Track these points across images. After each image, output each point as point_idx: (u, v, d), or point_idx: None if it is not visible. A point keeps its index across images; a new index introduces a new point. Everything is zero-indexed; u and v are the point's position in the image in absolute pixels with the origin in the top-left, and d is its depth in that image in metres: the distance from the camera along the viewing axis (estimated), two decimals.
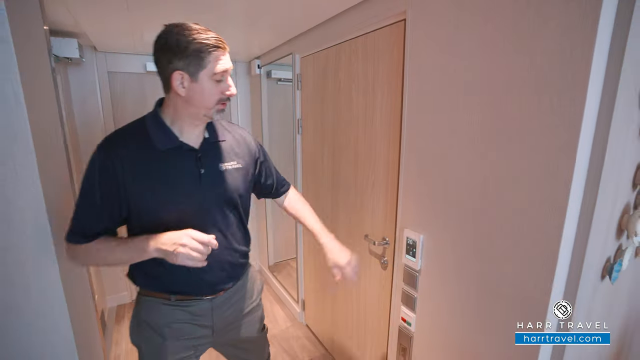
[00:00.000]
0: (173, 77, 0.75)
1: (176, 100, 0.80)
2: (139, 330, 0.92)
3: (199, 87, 0.77)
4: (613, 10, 0.67)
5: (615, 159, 0.78)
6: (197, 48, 0.74)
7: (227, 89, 0.81)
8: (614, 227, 0.89)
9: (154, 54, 0.78)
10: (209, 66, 0.76)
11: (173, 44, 0.73)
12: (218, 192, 0.89)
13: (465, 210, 0.95)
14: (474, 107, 0.89)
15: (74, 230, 0.79)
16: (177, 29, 0.75)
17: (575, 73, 0.68)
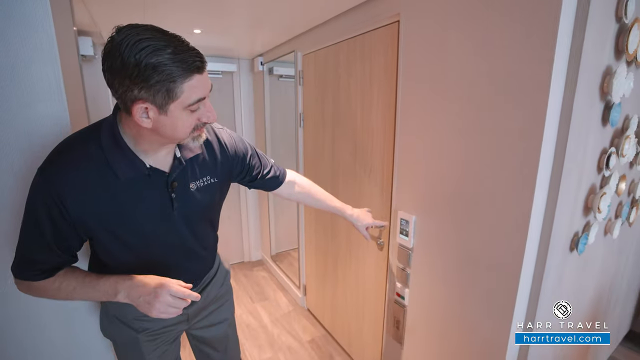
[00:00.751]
0: (134, 109, 0.58)
1: (139, 128, 0.63)
2: (110, 325, 0.87)
3: (169, 120, 0.61)
4: (572, 14, 0.78)
5: (578, 146, 0.90)
6: (167, 75, 0.55)
7: (205, 116, 0.65)
8: (580, 205, 1.01)
9: (104, 73, 0.58)
10: (183, 96, 0.59)
11: (132, 68, 0.54)
12: (191, 214, 0.79)
13: (451, 193, 1.07)
14: (458, 102, 1.01)
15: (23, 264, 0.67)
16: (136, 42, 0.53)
17: (539, 72, 0.80)
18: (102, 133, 0.65)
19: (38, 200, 0.63)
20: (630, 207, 1.33)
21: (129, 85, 0.56)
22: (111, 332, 0.88)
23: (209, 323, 1.02)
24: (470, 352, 1.08)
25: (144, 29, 0.56)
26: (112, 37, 0.56)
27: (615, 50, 0.91)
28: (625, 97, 0.99)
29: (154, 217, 0.73)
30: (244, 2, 1.37)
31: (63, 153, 0.65)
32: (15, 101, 0.78)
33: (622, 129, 1.08)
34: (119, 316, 0.85)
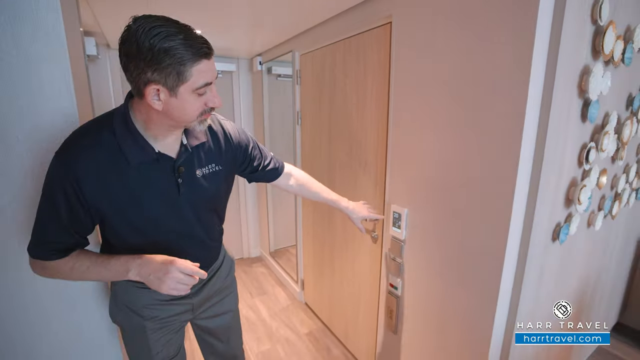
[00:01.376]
0: (146, 91, 0.63)
1: (149, 111, 0.68)
2: (119, 312, 0.90)
3: (179, 103, 0.65)
4: (549, 18, 0.84)
5: (557, 140, 0.96)
6: (178, 59, 0.61)
7: (211, 101, 0.70)
8: (561, 197, 1.07)
9: (120, 57, 0.64)
10: (192, 80, 0.64)
11: (146, 51, 0.59)
12: (197, 200, 0.83)
13: (440, 186, 1.12)
14: (445, 99, 1.06)
15: (39, 244, 0.71)
16: (152, 28, 0.60)
17: (519, 72, 0.85)
18: (114, 120, 0.70)
19: (55, 183, 0.67)
20: (613, 201, 1.39)
21: (143, 68, 0.61)
22: (119, 319, 0.92)
23: (213, 314, 1.04)
24: (459, 338, 1.14)
25: (157, 18, 0.62)
26: (129, 25, 0.62)
27: (592, 50, 0.97)
28: (603, 94, 1.04)
29: (162, 201, 0.77)
30: (243, 3, 1.42)
31: (78, 139, 0.69)
32: (25, 99, 0.83)
33: (602, 125, 1.14)
34: (127, 304, 0.88)
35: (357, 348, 1.81)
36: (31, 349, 0.93)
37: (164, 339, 0.94)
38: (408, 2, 1.15)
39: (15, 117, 0.82)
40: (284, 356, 1.88)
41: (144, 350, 0.92)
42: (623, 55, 1.07)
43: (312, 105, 1.93)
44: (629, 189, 1.49)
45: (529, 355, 1.20)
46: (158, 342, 0.93)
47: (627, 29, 1.10)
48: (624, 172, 1.43)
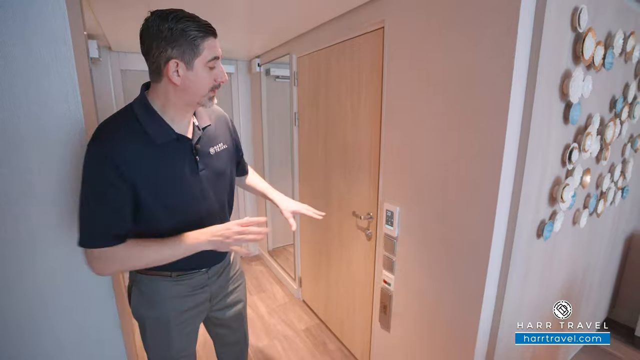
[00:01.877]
0: (168, 66, 0.74)
1: (168, 89, 0.78)
2: (141, 303, 0.95)
3: (194, 75, 0.77)
4: (529, 25, 0.89)
5: (540, 141, 1.01)
6: (192, 36, 0.73)
7: (220, 76, 0.82)
8: (545, 195, 1.12)
9: (143, 43, 0.76)
10: (204, 53, 0.76)
11: (165, 32, 0.72)
12: (212, 176, 0.92)
13: (430, 184, 1.17)
14: (434, 102, 1.11)
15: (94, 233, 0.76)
16: (167, 15, 0.73)
17: (502, 76, 0.90)
18: (135, 108, 0.80)
19: (97, 171, 0.74)
20: (598, 199, 1.44)
21: (164, 47, 0.73)
22: (142, 313, 0.95)
23: (226, 304, 1.11)
24: (447, 332, 1.19)
25: (169, 9, 0.75)
26: (147, 18, 0.75)
27: (573, 56, 1.02)
28: (585, 97, 1.09)
29: (185, 178, 0.86)
30: (241, 8, 1.47)
31: (108, 129, 0.78)
32: (34, 100, 0.87)
33: (584, 126, 1.18)
34: (154, 298, 0.94)
35: (352, 343, 1.85)
36: (36, 344, 0.97)
37: (185, 331, 1.00)
38: (399, 9, 1.20)
39: (24, 117, 0.86)
40: (281, 351, 1.92)
41: (164, 343, 0.98)
42: (604, 60, 1.12)
43: (309, 106, 1.98)
44: (614, 188, 1.54)
45: (515, 348, 1.24)
46: (180, 333, 0.99)
47: (607, 34, 1.15)
48: (609, 172, 1.48)
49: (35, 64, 0.84)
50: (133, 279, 0.97)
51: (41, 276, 0.94)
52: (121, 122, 0.79)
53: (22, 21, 0.81)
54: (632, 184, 1.79)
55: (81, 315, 1.03)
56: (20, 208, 0.89)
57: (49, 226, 0.93)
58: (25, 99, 0.85)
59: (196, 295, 0.99)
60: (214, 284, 1.03)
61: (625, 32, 1.22)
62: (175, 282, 0.94)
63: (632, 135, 1.59)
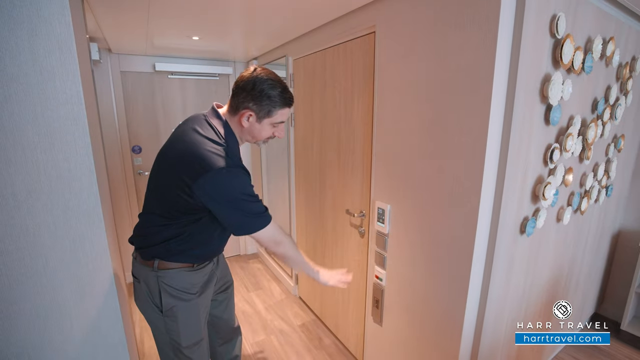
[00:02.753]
0: (243, 113, 0.96)
1: (236, 125, 1.01)
2: (170, 294, 1.05)
3: (259, 127, 0.99)
4: (509, 32, 0.94)
5: (521, 141, 1.06)
6: (273, 103, 0.95)
7: (278, 133, 1.05)
8: (528, 193, 1.17)
9: (237, 88, 0.97)
10: (274, 117, 0.98)
11: (257, 91, 0.94)
12: None
13: (419, 183, 1.22)
14: (421, 104, 1.16)
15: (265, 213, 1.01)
16: (267, 79, 0.94)
17: (483, 79, 0.96)
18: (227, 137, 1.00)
19: (246, 181, 0.97)
20: (582, 197, 1.50)
21: (249, 100, 0.95)
22: (171, 303, 1.06)
23: (223, 283, 1.32)
24: (436, 324, 1.24)
25: (270, 73, 0.97)
26: (254, 70, 0.96)
27: (552, 60, 1.07)
28: (565, 100, 1.15)
29: None
30: (239, 11, 1.52)
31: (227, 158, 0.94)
32: (40, 104, 0.92)
33: (566, 127, 1.24)
34: (182, 289, 1.07)
35: (347, 337, 1.91)
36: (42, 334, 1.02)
37: (204, 309, 1.16)
38: (389, 15, 1.25)
39: (31, 120, 0.91)
40: (277, 346, 1.98)
41: (195, 326, 1.11)
42: (583, 64, 1.18)
43: (305, 108, 2.03)
44: (597, 187, 1.60)
45: (501, 338, 1.30)
46: (202, 311, 1.14)
47: (587, 40, 1.20)
48: (592, 171, 1.54)
49: (42, 70, 0.89)
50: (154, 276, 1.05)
51: (47, 270, 0.99)
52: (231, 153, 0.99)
53: (28, 30, 0.86)
54: (617, 182, 1.85)
55: (85, 307, 1.08)
56: (28, 205, 0.94)
57: (54, 223, 0.98)
58: (33, 102, 0.90)
59: (210, 281, 1.18)
60: (217, 269, 1.24)
61: (605, 37, 1.28)
62: (195, 271, 1.10)
63: (615, 135, 1.65)
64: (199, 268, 1.12)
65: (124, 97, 2.42)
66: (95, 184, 1.07)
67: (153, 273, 1.05)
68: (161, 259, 1.05)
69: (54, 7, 0.88)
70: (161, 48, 2.25)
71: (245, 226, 0.99)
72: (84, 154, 1.03)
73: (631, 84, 1.57)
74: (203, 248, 1.09)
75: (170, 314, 1.06)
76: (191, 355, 1.12)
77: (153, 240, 1.04)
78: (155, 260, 1.04)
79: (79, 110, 0.98)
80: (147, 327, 2.13)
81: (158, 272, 1.04)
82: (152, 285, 1.06)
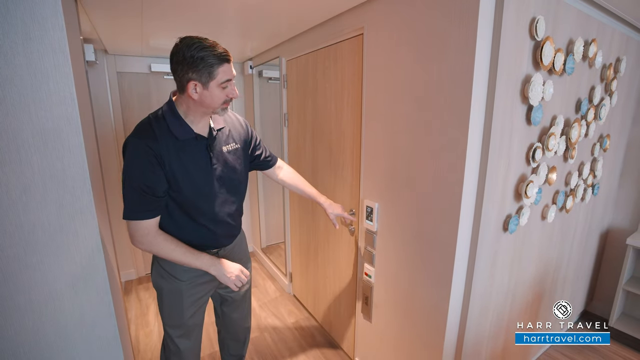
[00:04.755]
0: (188, 86, 0.94)
1: (188, 101, 0.99)
2: (161, 276, 1.15)
3: (209, 93, 0.96)
4: (489, 34, 0.97)
5: (502, 140, 1.09)
6: (208, 63, 0.91)
7: (231, 93, 1.00)
8: (510, 191, 1.20)
9: (171, 65, 0.95)
10: (217, 77, 0.94)
11: (188, 59, 0.91)
12: (223, 170, 1.11)
13: (404, 181, 1.25)
14: (406, 103, 1.19)
15: (133, 208, 0.98)
16: (191, 44, 0.90)
17: (463, 81, 0.99)
18: (164, 112, 1.01)
19: (141, 157, 0.95)
20: (566, 196, 1.53)
21: (186, 70, 0.92)
22: (159, 283, 1.16)
23: None
24: (422, 318, 1.27)
25: (194, 37, 0.93)
26: (177, 43, 0.94)
27: (533, 62, 1.10)
28: (546, 100, 1.18)
29: (201, 170, 1.05)
30: (232, 14, 1.55)
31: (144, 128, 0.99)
32: (34, 106, 0.95)
33: (549, 127, 1.27)
34: (170, 271, 1.13)
35: (338, 334, 1.94)
36: (37, 329, 1.05)
37: (193, 298, 1.18)
38: (376, 17, 1.29)
39: (25, 121, 0.94)
40: (271, 343, 2.01)
41: (177, 310, 1.16)
42: (564, 65, 1.21)
43: (298, 108, 2.06)
44: (583, 185, 1.63)
45: (486, 332, 1.33)
46: (188, 299, 1.17)
47: (569, 41, 1.24)
48: (577, 170, 1.57)
49: (36, 72, 0.92)
50: (154, 256, 1.16)
51: (41, 266, 1.02)
52: (154, 122, 1.00)
53: (23, 33, 0.89)
54: (604, 181, 1.88)
55: (79, 302, 1.11)
56: (23, 203, 0.97)
57: (48, 220, 1.01)
58: (27, 103, 0.93)
59: (207, 274, 1.15)
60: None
61: (587, 39, 1.31)
62: None
63: (601, 135, 1.68)
64: None
65: (120, 97, 2.45)
66: (89, 182, 1.10)
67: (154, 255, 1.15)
68: None
69: (47, 11, 0.91)
70: (157, 49, 2.28)
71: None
72: (77, 153, 1.06)
73: (616, 84, 1.60)
74: (181, 233, 1.09)
75: (159, 293, 1.18)
76: (176, 335, 1.20)
77: None
78: None
79: (72, 111, 1.01)
80: (142, 325, 2.16)
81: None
82: (154, 264, 1.18)
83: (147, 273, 2.85)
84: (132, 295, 2.53)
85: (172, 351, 1.23)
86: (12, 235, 0.97)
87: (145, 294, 2.56)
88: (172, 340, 1.22)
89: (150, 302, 2.44)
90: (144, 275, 2.83)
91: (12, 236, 0.97)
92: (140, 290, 2.61)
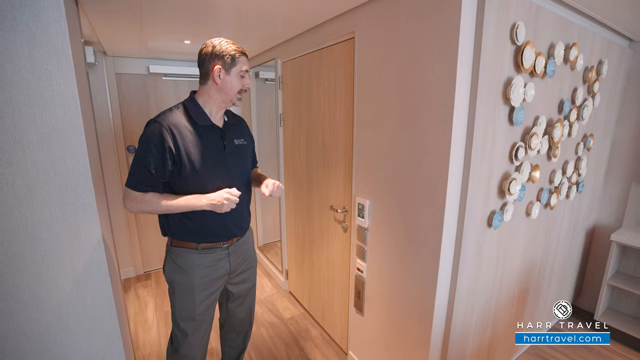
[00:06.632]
0: (214, 71, 1.11)
1: (211, 88, 1.14)
2: (173, 270, 1.22)
3: (229, 79, 1.12)
4: (471, 38, 1.03)
5: (485, 140, 1.15)
6: (232, 54, 1.11)
7: (247, 83, 1.17)
8: (494, 188, 1.26)
9: (199, 58, 1.14)
10: (238, 65, 1.12)
11: (217, 51, 1.11)
12: (235, 160, 1.23)
13: (393, 179, 1.31)
14: (395, 105, 1.25)
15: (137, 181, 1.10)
16: (218, 42, 1.12)
17: (447, 83, 1.04)
18: (185, 102, 1.17)
19: (154, 139, 1.07)
20: (551, 193, 1.59)
21: (213, 59, 1.11)
22: (172, 277, 1.23)
23: (241, 279, 1.38)
24: (411, 311, 1.33)
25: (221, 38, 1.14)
26: (207, 43, 1.13)
27: (514, 65, 1.16)
28: (527, 102, 1.24)
29: (215, 154, 1.17)
30: (228, 17, 1.60)
31: (164, 114, 1.13)
32: (39, 108, 1.00)
33: (531, 127, 1.33)
34: (182, 266, 1.21)
35: (332, 328, 1.99)
36: (39, 321, 1.10)
37: (204, 295, 1.24)
38: (367, 21, 1.34)
39: (30, 122, 0.98)
40: (267, 337, 2.06)
41: (189, 303, 1.23)
42: (545, 68, 1.27)
43: (293, 109, 2.11)
44: (567, 183, 1.69)
45: (471, 326, 1.39)
46: (199, 296, 1.23)
47: (550, 45, 1.29)
48: (561, 169, 1.63)
49: (41, 76, 0.97)
50: (167, 250, 1.25)
51: (45, 261, 1.07)
52: (174, 110, 1.15)
53: (29, 38, 0.94)
54: (589, 180, 1.95)
55: (81, 295, 1.15)
56: (27, 200, 1.01)
57: (52, 217, 1.06)
58: (32, 105, 0.98)
59: (218, 267, 1.25)
60: (232, 259, 1.29)
61: (568, 43, 1.37)
62: (200, 254, 1.21)
63: (585, 134, 1.74)
64: (204, 252, 1.22)
65: (119, 98, 2.49)
66: (90, 181, 1.15)
67: (168, 246, 1.25)
68: (171, 237, 1.22)
69: (51, 17, 0.96)
70: (155, 51, 2.33)
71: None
72: (80, 153, 1.10)
73: (598, 86, 1.66)
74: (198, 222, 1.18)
75: (170, 286, 1.24)
76: (186, 328, 1.25)
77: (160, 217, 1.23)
78: (169, 238, 1.24)
79: (74, 112, 1.06)
80: (141, 322, 2.21)
81: (169, 247, 1.24)
82: (167, 259, 1.25)
83: (145, 271, 2.89)
84: (131, 293, 2.58)
85: (180, 343, 1.27)
86: (17, 232, 1.02)
87: (143, 291, 2.61)
88: (182, 332, 1.25)
89: (149, 300, 2.48)
90: (142, 274, 2.87)
91: (17, 232, 1.02)
92: (138, 288, 2.65)
